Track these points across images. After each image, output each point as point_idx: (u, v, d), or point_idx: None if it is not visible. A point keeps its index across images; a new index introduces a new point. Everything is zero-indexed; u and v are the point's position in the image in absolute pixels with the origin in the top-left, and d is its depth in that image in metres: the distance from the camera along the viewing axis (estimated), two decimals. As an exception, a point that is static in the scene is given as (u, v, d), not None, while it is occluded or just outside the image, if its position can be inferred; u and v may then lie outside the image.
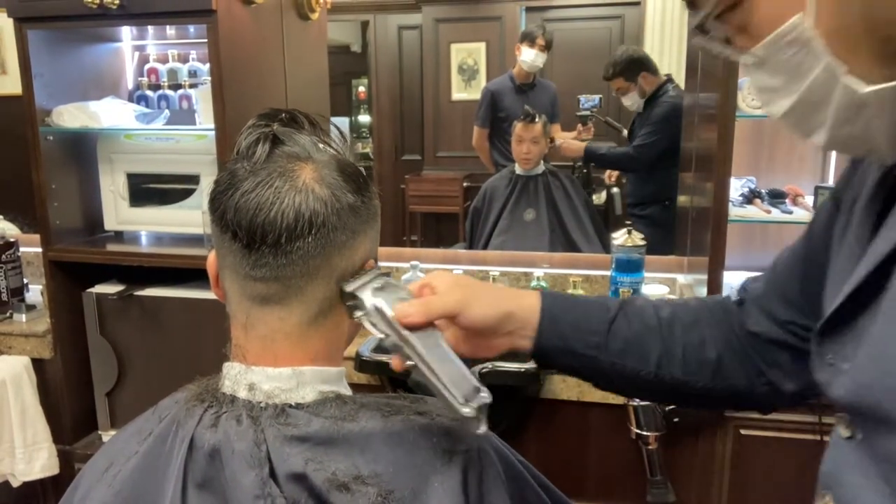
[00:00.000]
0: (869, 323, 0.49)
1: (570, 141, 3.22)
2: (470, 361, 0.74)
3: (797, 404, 0.80)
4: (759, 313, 0.79)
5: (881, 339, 0.48)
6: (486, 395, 0.69)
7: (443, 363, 0.70)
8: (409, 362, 0.71)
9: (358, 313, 0.73)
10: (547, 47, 3.54)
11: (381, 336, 0.73)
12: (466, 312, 0.77)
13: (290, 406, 0.72)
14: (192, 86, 2.25)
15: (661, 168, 2.88)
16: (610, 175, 3.44)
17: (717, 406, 0.83)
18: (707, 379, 0.79)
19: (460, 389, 0.68)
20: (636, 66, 3.01)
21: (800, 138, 0.57)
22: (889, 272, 0.47)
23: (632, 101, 3.10)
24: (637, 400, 1.60)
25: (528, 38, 3.51)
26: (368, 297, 0.72)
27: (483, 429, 0.68)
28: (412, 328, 0.72)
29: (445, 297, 0.76)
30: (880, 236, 0.51)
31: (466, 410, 0.67)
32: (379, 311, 0.72)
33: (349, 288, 0.73)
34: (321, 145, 0.75)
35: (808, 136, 0.56)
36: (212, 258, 0.78)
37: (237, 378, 0.75)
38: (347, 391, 0.79)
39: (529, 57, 3.49)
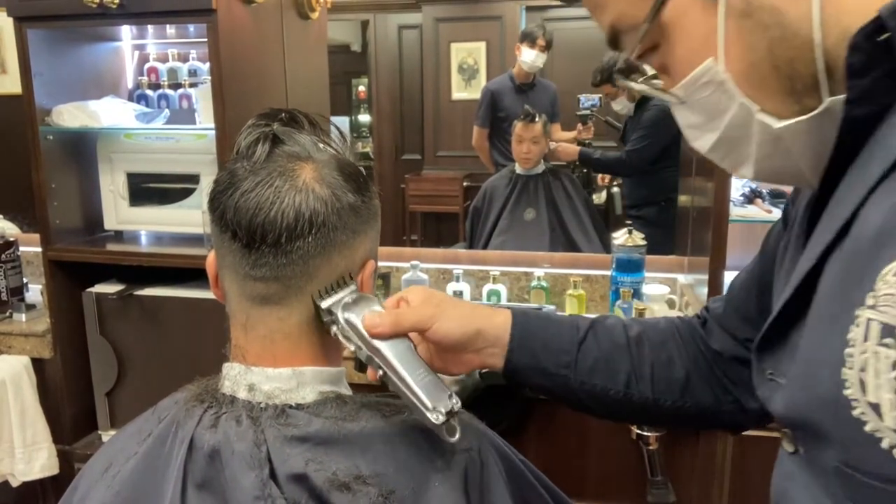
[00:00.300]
0: (799, 337, 0.50)
1: (565, 144, 3.22)
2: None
3: (763, 423, 0.79)
4: (721, 332, 0.80)
5: (807, 352, 0.49)
6: (457, 402, 0.69)
7: (414, 372, 0.70)
8: (380, 372, 0.72)
9: (333, 328, 0.73)
10: (547, 47, 3.54)
11: (354, 349, 0.73)
12: (436, 327, 0.77)
13: (291, 406, 0.72)
14: (192, 85, 2.24)
15: (655, 170, 2.89)
16: (603, 178, 3.45)
17: (686, 425, 0.84)
18: (675, 396, 0.80)
19: (430, 397, 0.68)
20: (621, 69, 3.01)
21: (729, 171, 0.60)
22: (814, 286, 0.48)
23: (622, 106, 3.11)
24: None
25: (529, 39, 3.51)
26: (340, 312, 0.72)
27: (455, 437, 0.69)
28: (382, 339, 0.72)
29: (417, 311, 0.77)
30: (804, 254, 0.52)
31: (434, 417, 0.67)
32: (349, 323, 0.72)
33: (324, 305, 0.72)
34: (321, 145, 0.75)
35: (736, 169, 0.58)
36: (211, 258, 0.78)
37: (237, 379, 0.74)
38: (348, 391, 0.78)
39: (530, 57, 3.49)
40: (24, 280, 2.23)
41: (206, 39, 1.75)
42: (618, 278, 2.04)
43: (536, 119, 2.89)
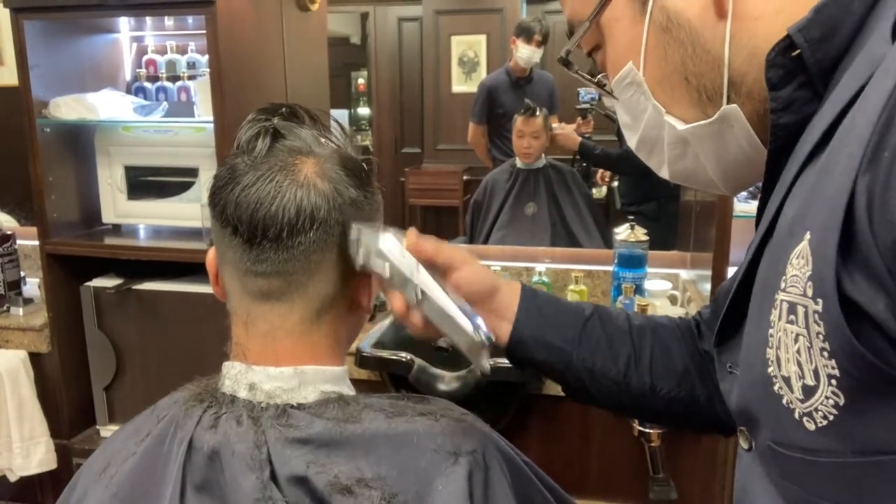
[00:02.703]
0: (744, 324, 0.53)
1: (567, 132, 3.19)
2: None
3: None
4: (710, 334, 0.79)
5: (747, 341, 0.51)
6: (490, 335, 0.71)
7: (449, 298, 0.71)
8: (418, 293, 0.70)
9: (363, 253, 0.70)
10: (544, 41, 3.51)
11: (388, 274, 0.70)
12: (464, 270, 0.75)
13: (292, 407, 0.71)
14: (191, 77, 2.22)
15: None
16: (603, 175, 3.41)
17: (679, 421, 0.82)
18: (672, 385, 0.79)
19: (469, 322, 0.70)
20: None
21: (655, 171, 0.66)
22: (754, 279, 0.52)
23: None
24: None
25: (525, 34, 3.48)
26: (373, 235, 0.70)
27: (489, 363, 0.71)
28: (423, 258, 0.72)
29: (453, 247, 0.76)
30: (748, 249, 0.56)
31: (480, 335, 0.69)
32: (389, 241, 0.70)
33: (354, 234, 0.71)
34: (322, 140, 0.74)
35: (658, 169, 0.65)
36: (211, 255, 0.76)
37: (237, 378, 0.73)
38: (350, 391, 0.77)
39: (526, 53, 3.47)
40: (22, 274, 2.21)
41: (204, 31, 1.74)
42: (620, 274, 2.03)
43: (537, 113, 2.88)
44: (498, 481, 0.72)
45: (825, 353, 0.40)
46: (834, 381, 0.40)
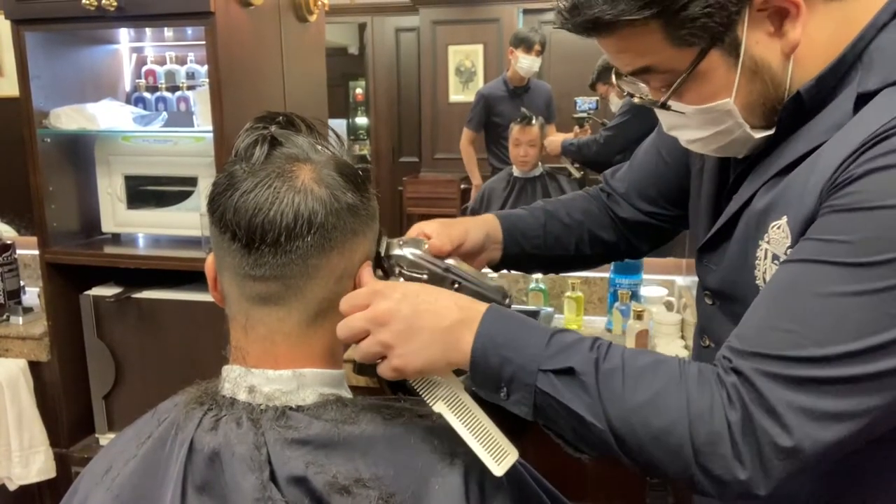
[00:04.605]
0: (727, 245, 0.82)
1: (552, 138, 3.20)
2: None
3: (640, 257, 1.28)
4: (627, 206, 1.11)
5: (733, 257, 0.81)
6: (511, 295, 0.88)
7: (477, 276, 0.86)
8: (454, 286, 0.83)
9: (397, 269, 0.82)
10: (542, 50, 3.54)
11: (423, 276, 0.83)
12: (468, 238, 0.97)
13: (291, 408, 0.72)
14: (190, 88, 2.24)
15: None
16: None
17: (596, 261, 1.18)
18: (601, 251, 1.14)
19: (497, 293, 0.85)
20: (611, 68, 3.02)
21: (687, 147, 0.87)
22: (738, 219, 0.80)
23: (616, 105, 3.11)
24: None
25: (525, 44, 3.50)
26: (403, 251, 0.83)
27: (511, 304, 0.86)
28: (443, 258, 0.85)
29: (455, 229, 0.95)
30: (737, 195, 0.81)
31: (508, 302, 0.85)
32: (416, 255, 0.83)
33: (384, 252, 0.81)
34: (319, 147, 0.75)
35: (702, 150, 0.85)
36: (210, 261, 0.78)
37: (237, 380, 0.74)
38: (348, 394, 0.78)
39: (526, 63, 3.49)
40: (22, 283, 2.22)
41: (203, 42, 1.75)
42: (616, 280, 2.05)
43: (533, 122, 2.90)
44: (494, 482, 0.73)
45: (778, 262, 0.72)
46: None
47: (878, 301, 0.62)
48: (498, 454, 0.72)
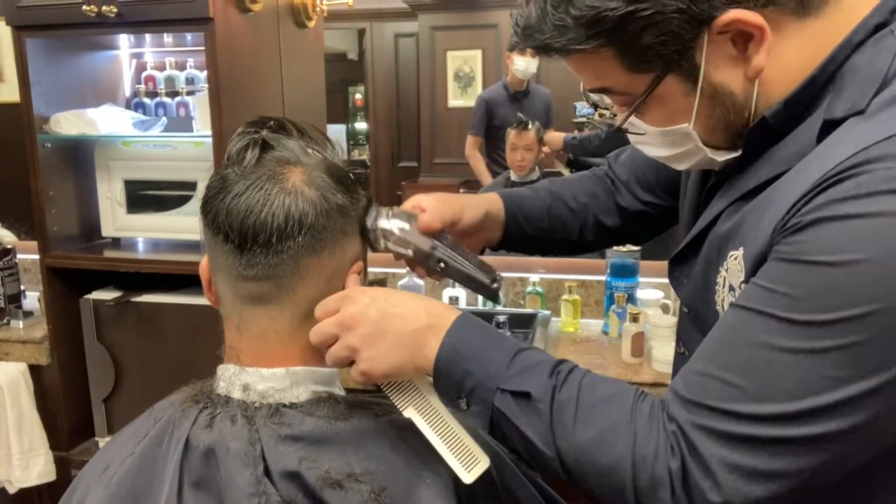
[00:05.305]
0: (695, 261, 0.79)
1: (553, 133, 3.21)
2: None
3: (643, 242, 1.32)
4: (626, 192, 1.10)
5: (698, 273, 0.78)
6: (499, 273, 0.86)
7: (464, 257, 0.85)
8: (440, 265, 0.83)
9: (382, 241, 0.80)
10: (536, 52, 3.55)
11: (409, 252, 0.82)
12: (464, 216, 0.93)
13: (284, 406, 0.73)
14: (190, 93, 2.25)
15: None
16: None
17: (593, 245, 1.15)
18: (606, 238, 1.13)
19: (484, 274, 0.85)
20: None
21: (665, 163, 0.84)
22: (706, 237, 0.77)
23: None
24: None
25: (519, 46, 3.52)
26: (390, 224, 0.81)
27: (503, 302, 0.90)
28: (433, 236, 0.84)
29: (449, 206, 0.91)
30: (707, 211, 0.79)
31: (496, 286, 0.85)
32: (403, 230, 0.82)
33: (370, 223, 0.79)
34: (309, 150, 0.77)
35: (676, 166, 0.82)
36: (204, 263, 0.79)
37: (232, 379, 0.76)
38: (341, 391, 0.80)
39: (522, 65, 3.50)
40: (22, 287, 2.24)
41: (203, 48, 1.77)
42: (612, 283, 2.06)
43: (529, 126, 2.92)
44: (484, 476, 0.74)
45: (734, 293, 0.70)
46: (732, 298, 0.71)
47: (815, 362, 0.59)
48: (468, 461, 0.72)
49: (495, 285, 0.84)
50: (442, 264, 0.83)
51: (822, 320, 0.59)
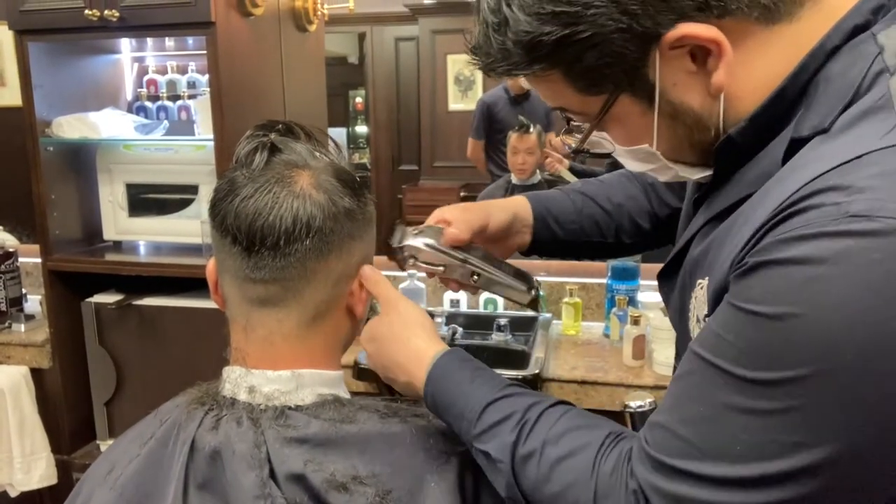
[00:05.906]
0: (675, 280, 0.76)
1: (559, 157, 3.20)
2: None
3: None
4: (654, 195, 1.04)
5: (675, 295, 0.76)
6: (538, 281, 0.85)
7: (498, 266, 0.83)
8: (473, 277, 0.82)
9: (411, 260, 0.81)
10: None
11: (440, 269, 0.81)
12: (491, 221, 0.92)
13: (290, 408, 0.74)
14: (191, 97, 2.26)
15: None
16: None
17: (631, 249, 1.09)
18: (640, 240, 1.06)
19: (520, 281, 0.84)
20: None
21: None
22: (685, 255, 0.74)
23: None
24: (633, 406, 1.65)
25: None
26: (416, 242, 0.81)
27: (543, 307, 0.85)
28: (462, 248, 0.83)
29: (476, 215, 0.90)
30: (690, 226, 0.75)
31: (533, 293, 0.84)
32: (431, 246, 0.81)
33: (396, 243, 0.80)
34: (317, 153, 0.77)
35: (656, 177, 0.79)
36: (211, 265, 0.79)
37: (237, 381, 0.76)
38: (346, 395, 0.80)
39: None
40: (24, 290, 2.24)
41: (205, 52, 1.78)
42: (613, 286, 2.06)
43: (531, 130, 2.92)
44: (488, 480, 0.75)
45: (700, 325, 0.67)
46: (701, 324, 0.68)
47: (765, 424, 0.54)
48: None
49: (533, 292, 0.83)
50: (475, 276, 0.82)
51: (764, 379, 0.54)
